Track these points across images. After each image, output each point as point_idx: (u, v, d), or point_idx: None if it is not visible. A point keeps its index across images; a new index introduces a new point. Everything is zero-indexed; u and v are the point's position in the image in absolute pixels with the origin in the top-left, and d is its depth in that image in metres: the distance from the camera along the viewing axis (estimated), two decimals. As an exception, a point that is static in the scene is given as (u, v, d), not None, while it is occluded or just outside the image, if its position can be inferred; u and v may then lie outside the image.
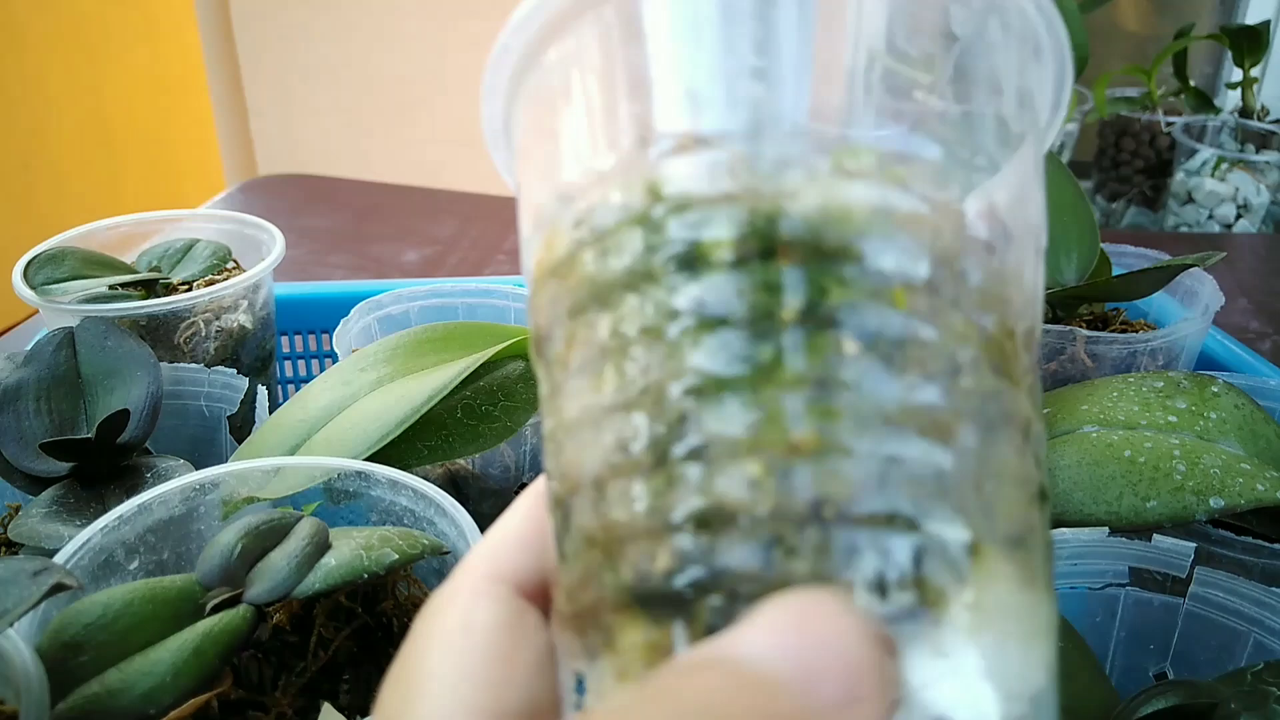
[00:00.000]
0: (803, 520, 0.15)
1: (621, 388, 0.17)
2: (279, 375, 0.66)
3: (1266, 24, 1.18)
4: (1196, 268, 0.55)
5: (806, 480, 0.15)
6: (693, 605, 0.15)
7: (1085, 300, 0.59)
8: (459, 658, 0.19)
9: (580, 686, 0.18)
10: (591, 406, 0.17)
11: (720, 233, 0.17)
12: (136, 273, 0.56)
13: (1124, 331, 0.59)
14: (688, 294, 0.16)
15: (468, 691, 0.18)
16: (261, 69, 1.58)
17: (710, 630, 0.15)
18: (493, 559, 0.22)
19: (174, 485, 0.37)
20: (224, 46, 1.57)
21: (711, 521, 0.15)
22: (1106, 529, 0.35)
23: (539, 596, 0.22)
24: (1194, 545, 0.34)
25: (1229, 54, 1.27)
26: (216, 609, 0.32)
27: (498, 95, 0.21)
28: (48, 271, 0.53)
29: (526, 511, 0.23)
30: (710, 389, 0.16)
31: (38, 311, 0.53)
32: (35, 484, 0.43)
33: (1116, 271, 0.59)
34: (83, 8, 1.48)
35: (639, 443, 0.16)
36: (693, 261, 0.17)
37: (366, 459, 0.40)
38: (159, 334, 0.53)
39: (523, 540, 0.23)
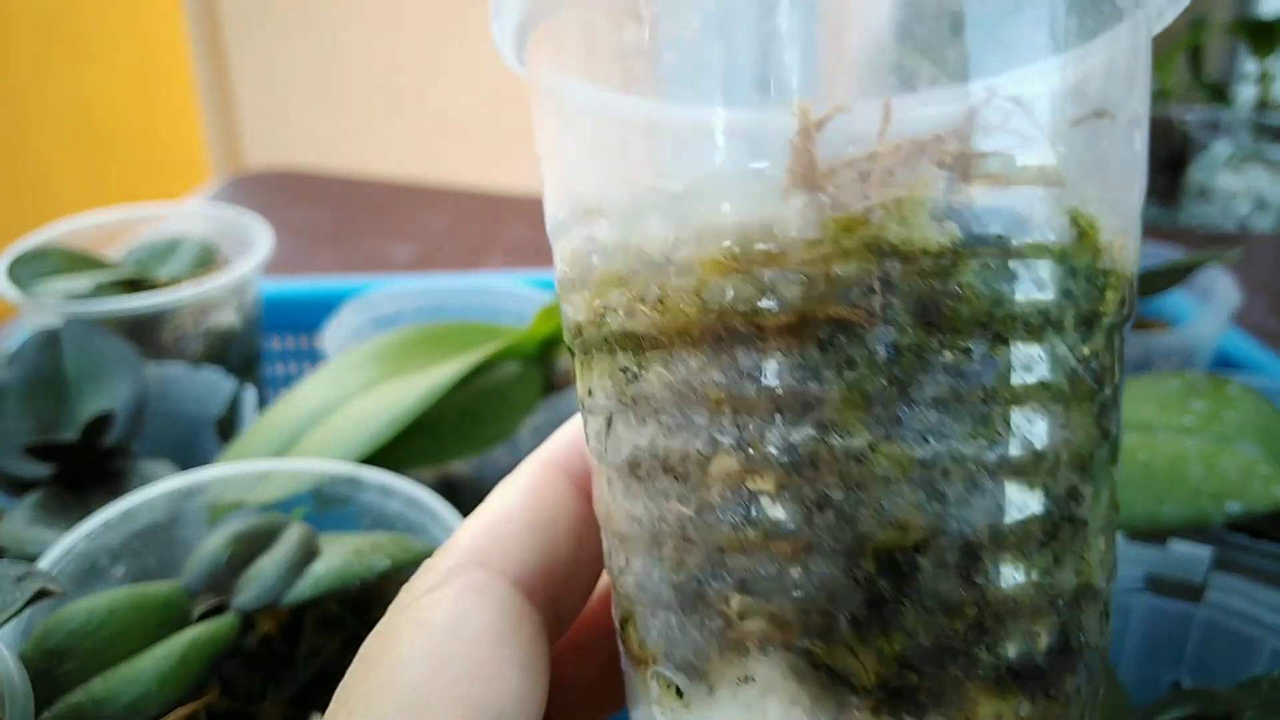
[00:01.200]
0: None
1: (1003, 444, 0.14)
2: (267, 375, 0.65)
3: None
4: (1212, 265, 0.54)
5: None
6: (1060, 679, 0.15)
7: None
8: (440, 668, 0.18)
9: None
10: (955, 455, 0.14)
11: (1113, 301, 0.15)
12: (121, 270, 0.55)
13: (1138, 330, 0.58)
14: (1083, 354, 0.15)
15: (444, 709, 0.17)
16: (250, 60, 1.57)
17: (1069, 699, 0.15)
18: (490, 546, 0.20)
19: (159, 490, 0.37)
20: (211, 37, 1.56)
21: (1080, 597, 0.15)
22: (1121, 534, 0.34)
23: (538, 592, 0.20)
24: (1210, 550, 0.34)
25: (1245, 47, 1.27)
26: (203, 617, 0.32)
27: None
28: (31, 269, 0.52)
29: (530, 492, 0.21)
30: (1101, 462, 0.15)
31: (20, 310, 0.52)
32: (18, 487, 0.42)
33: (1132, 268, 0.58)
34: (67, 1, 1.47)
35: (1036, 520, 0.15)
36: (1092, 321, 0.15)
37: (357, 462, 0.39)
38: (144, 333, 0.52)
39: (527, 526, 0.21)
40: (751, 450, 0.15)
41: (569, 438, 0.22)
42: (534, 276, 0.66)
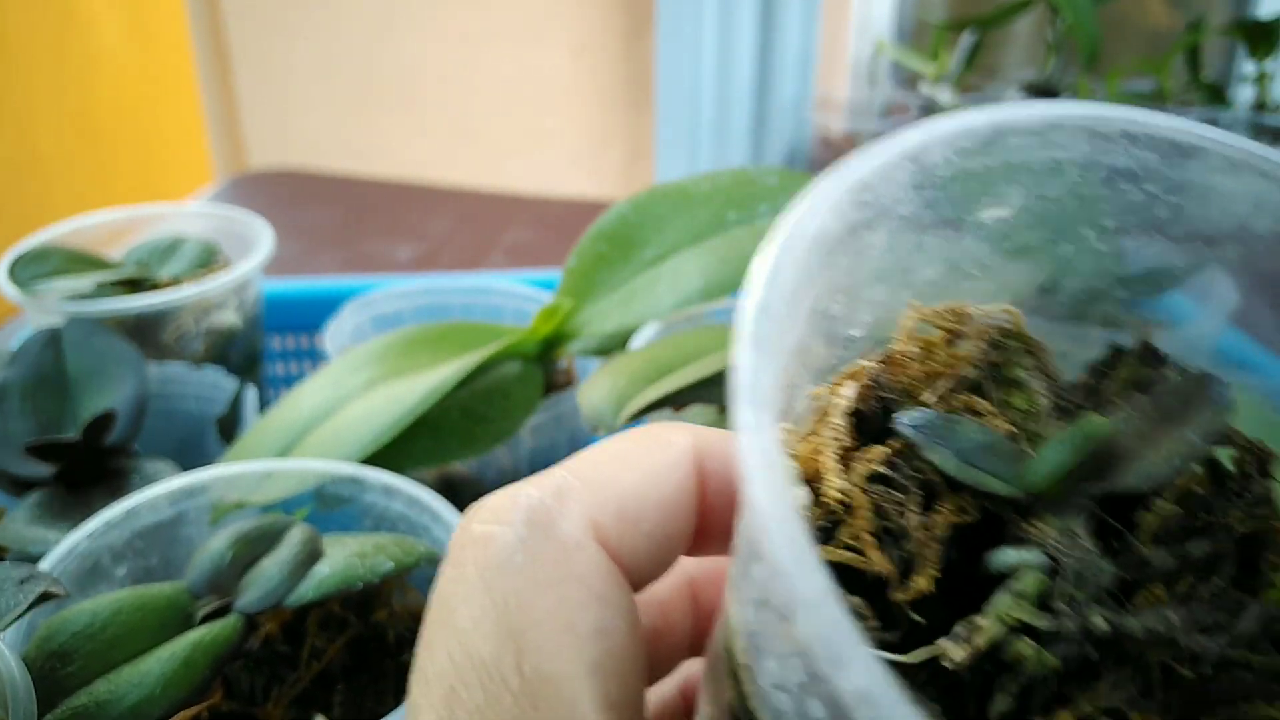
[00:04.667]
0: None
1: None
2: (269, 375, 0.65)
3: None
4: (1210, 266, 0.54)
5: None
6: None
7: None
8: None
9: None
10: None
11: None
12: (123, 270, 0.55)
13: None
14: None
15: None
16: (253, 61, 1.57)
17: None
18: (613, 530, 0.18)
19: (162, 489, 0.37)
20: (215, 38, 1.56)
21: None
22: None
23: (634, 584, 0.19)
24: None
25: (1242, 48, 1.27)
26: (206, 618, 0.32)
27: None
28: (33, 269, 0.52)
29: (673, 492, 0.19)
30: None
31: (23, 310, 0.52)
32: (20, 487, 0.42)
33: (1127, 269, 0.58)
34: (70, 2, 1.47)
35: None
36: None
37: (359, 462, 0.39)
38: (146, 333, 0.52)
39: (650, 534, 0.19)
40: None
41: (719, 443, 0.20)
42: (534, 276, 0.66)
